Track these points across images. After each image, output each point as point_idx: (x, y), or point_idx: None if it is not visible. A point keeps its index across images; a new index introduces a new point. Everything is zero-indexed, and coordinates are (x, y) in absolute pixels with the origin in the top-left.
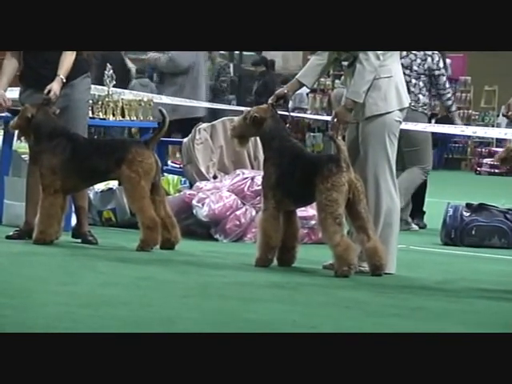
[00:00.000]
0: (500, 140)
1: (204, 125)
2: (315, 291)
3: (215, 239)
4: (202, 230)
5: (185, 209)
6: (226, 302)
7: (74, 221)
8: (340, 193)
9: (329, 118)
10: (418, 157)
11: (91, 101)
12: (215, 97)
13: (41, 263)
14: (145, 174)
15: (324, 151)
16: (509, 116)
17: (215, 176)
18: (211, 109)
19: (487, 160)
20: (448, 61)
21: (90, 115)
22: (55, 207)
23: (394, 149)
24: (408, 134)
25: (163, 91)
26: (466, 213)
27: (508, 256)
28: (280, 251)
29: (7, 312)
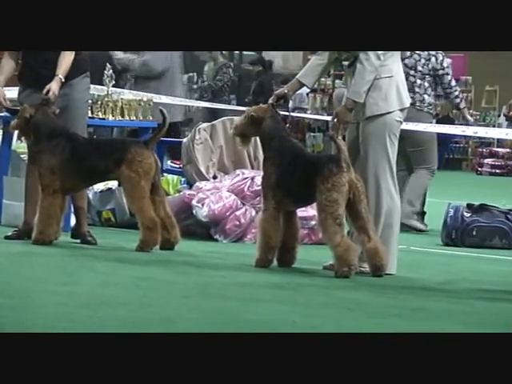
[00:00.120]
0: (501, 140)
1: (204, 125)
2: (315, 292)
3: (215, 239)
4: (202, 231)
5: (184, 209)
6: (226, 303)
7: (73, 221)
8: (340, 193)
9: (329, 118)
10: (424, 157)
11: (90, 100)
12: (214, 97)
13: (40, 263)
14: (144, 174)
15: (324, 151)
16: (510, 116)
17: (215, 176)
18: (211, 109)
19: (488, 160)
20: (449, 60)
21: (90, 115)
22: (54, 207)
23: (395, 149)
24: (413, 134)
25: None
26: (467, 213)
27: (509, 257)
28: (280, 252)
29: (6, 312)
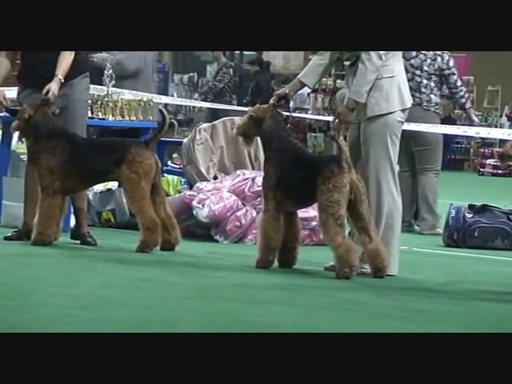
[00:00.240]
0: (503, 141)
1: (204, 125)
2: (316, 293)
3: (215, 240)
4: (203, 231)
5: (185, 210)
6: (227, 304)
7: (73, 222)
8: (341, 194)
9: (330, 119)
10: (429, 157)
11: (90, 101)
12: (215, 98)
13: (39, 264)
14: (145, 175)
15: (325, 152)
16: None
17: (215, 177)
18: (212, 109)
19: (490, 161)
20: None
21: (89, 115)
22: (54, 208)
23: (396, 149)
24: (420, 134)
25: None
26: (469, 214)
27: (511, 258)
28: (281, 252)
29: (5, 314)
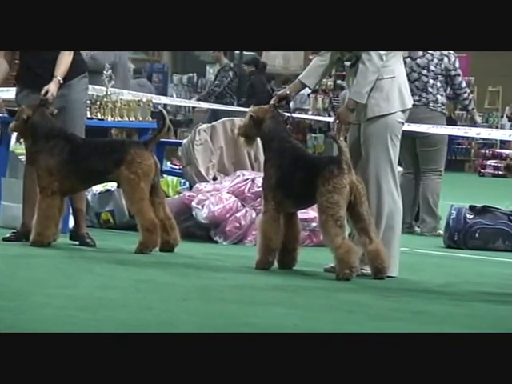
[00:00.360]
0: (504, 141)
1: (204, 126)
2: (316, 294)
3: (215, 241)
4: (202, 232)
5: (184, 211)
6: (226, 305)
7: (72, 223)
8: (341, 195)
9: (330, 119)
10: (434, 157)
11: (89, 101)
12: (217, 99)
13: (38, 265)
14: (144, 176)
15: (325, 152)
16: None
17: (215, 177)
18: (213, 110)
19: (491, 162)
20: None
21: (88, 116)
22: (52, 209)
23: (397, 150)
24: (426, 135)
25: None
26: (470, 215)
27: None
28: (281, 254)
29: (4, 315)
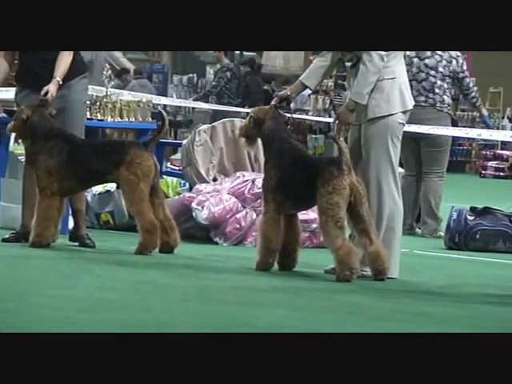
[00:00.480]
0: (505, 142)
1: (204, 126)
2: (317, 296)
3: (215, 242)
4: (202, 233)
5: (184, 211)
6: (226, 306)
7: (72, 223)
8: (341, 196)
9: (330, 120)
10: (438, 158)
11: (89, 101)
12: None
13: (37, 266)
14: (143, 177)
15: (326, 153)
16: None
17: (215, 178)
18: (213, 111)
19: (492, 163)
20: None
21: (88, 116)
22: (52, 210)
23: (397, 151)
24: (432, 136)
25: None
26: (471, 217)
27: None
28: (281, 255)
29: (3, 316)
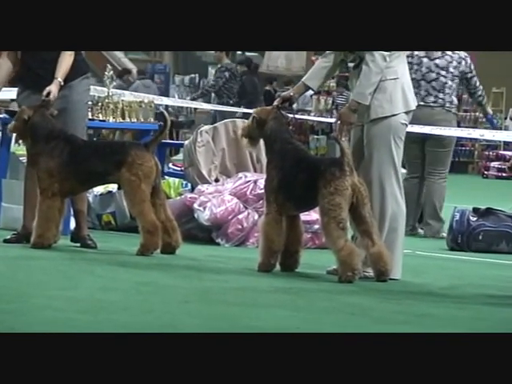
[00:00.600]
0: (508, 143)
1: (206, 127)
2: (319, 297)
3: (217, 243)
4: (204, 234)
5: (186, 212)
6: (228, 308)
7: (73, 224)
8: (343, 197)
9: (332, 120)
10: (443, 159)
11: (91, 102)
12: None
13: (39, 267)
14: (145, 177)
15: (328, 154)
16: None
17: (217, 179)
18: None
19: (495, 163)
20: None
21: (90, 117)
22: (53, 210)
23: (400, 152)
24: (438, 137)
25: None
26: (473, 217)
27: None
28: (283, 256)
29: (4, 317)
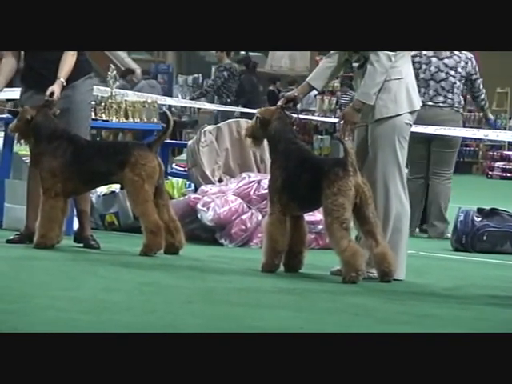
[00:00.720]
0: None
1: (209, 127)
2: (322, 297)
3: (220, 244)
4: (207, 235)
5: (189, 213)
6: (231, 308)
7: (76, 225)
8: (346, 197)
9: (336, 121)
10: (448, 159)
11: (94, 102)
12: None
13: (41, 268)
14: (148, 178)
15: (332, 154)
16: None
17: (221, 179)
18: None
19: (499, 164)
20: None
21: (93, 117)
22: (56, 210)
23: (405, 152)
24: (445, 137)
25: None
26: (477, 218)
27: None
28: (287, 256)
29: (7, 317)
